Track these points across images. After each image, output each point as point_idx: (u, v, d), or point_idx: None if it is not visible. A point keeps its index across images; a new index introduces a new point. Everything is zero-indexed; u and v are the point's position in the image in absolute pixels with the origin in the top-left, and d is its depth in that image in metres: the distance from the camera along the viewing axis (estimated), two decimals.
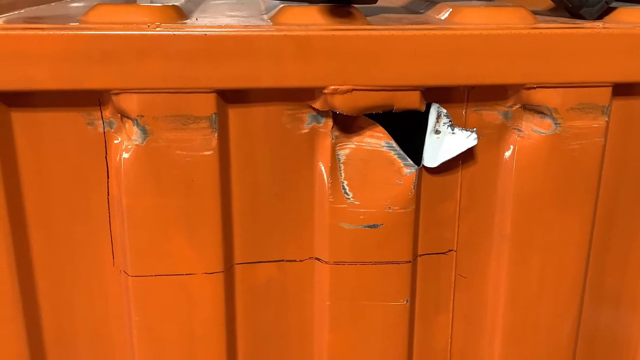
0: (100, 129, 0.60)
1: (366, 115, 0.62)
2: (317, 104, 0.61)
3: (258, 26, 0.59)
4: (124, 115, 0.59)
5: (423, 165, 0.65)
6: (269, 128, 0.62)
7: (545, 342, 0.71)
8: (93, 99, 0.59)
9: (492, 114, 0.65)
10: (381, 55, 0.59)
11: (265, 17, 0.66)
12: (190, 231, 0.62)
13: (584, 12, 0.67)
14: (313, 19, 0.61)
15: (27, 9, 0.72)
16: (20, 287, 0.63)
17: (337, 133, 0.63)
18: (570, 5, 0.68)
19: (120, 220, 0.62)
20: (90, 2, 0.77)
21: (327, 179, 0.64)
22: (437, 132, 0.64)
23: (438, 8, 0.71)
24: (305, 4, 0.63)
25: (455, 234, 0.68)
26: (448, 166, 0.65)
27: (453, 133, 0.64)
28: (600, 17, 0.68)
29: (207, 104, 0.59)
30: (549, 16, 0.71)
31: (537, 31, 0.60)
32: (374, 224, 0.64)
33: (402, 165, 0.64)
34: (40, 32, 0.55)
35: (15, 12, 0.67)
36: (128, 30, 0.56)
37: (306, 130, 0.63)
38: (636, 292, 0.75)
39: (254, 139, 0.62)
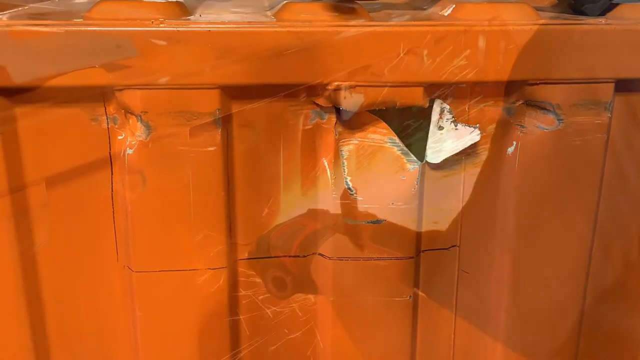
0: (104, 125, 0.61)
1: (369, 111, 0.62)
2: (321, 100, 0.61)
3: (261, 22, 0.59)
4: (127, 112, 0.59)
5: (426, 161, 0.65)
6: (273, 124, 0.62)
7: (548, 338, 0.72)
8: (97, 95, 0.59)
9: (495, 110, 0.65)
10: (384, 52, 0.59)
11: (268, 13, 0.67)
12: (193, 227, 0.62)
13: (587, 9, 0.67)
14: (316, 15, 0.61)
15: (31, 5, 0.72)
16: (24, 282, 0.63)
17: (340, 129, 0.63)
18: (573, 2, 0.68)
19: (124, 216, 0.62)
20: None
21: (331, 175, 0.64)
22: (440, 128, 0.64)
23: (441, 4, 0.71)
24: (309, 0, 0.63)
25: (458, 229, 0.68)
26: (451, 162, 0.65)
27: (456, 129, 0.64)
28: (603, 13, 0.68)
29: (211, 100, 0.59)
30: (551, 12, 0.71)
31: (540, 27, 0.60)
32: (377, 220, 0.64)
33: (405, 161, 0.64)
34: (44, 28, 0.55)
35: (20, 9, 0.67)
36: (132, 27, 0.56)
37: (309, 126, 0.63)
38: (639, 288, 0.75)
39: (257, 135, 0.62)
